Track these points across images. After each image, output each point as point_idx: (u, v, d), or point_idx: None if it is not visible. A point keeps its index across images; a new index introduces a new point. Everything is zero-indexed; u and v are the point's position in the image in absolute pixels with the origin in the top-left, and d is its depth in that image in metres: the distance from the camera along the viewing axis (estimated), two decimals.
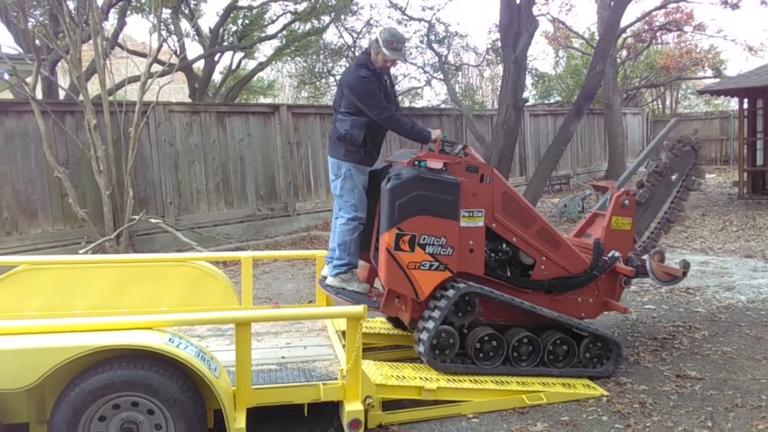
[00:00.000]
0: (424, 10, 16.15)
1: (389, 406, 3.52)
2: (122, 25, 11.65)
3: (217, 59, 14.33)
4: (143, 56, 10.88)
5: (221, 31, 13.61)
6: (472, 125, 12.48)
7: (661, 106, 25.22)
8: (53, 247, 7.44)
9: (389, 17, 14.81)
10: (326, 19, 14.11)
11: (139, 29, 38.62)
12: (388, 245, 3.67)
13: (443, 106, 15.62)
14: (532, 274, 4.06)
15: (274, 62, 15.76)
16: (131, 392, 2.84)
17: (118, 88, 10.03)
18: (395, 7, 14.21)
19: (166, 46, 12.79)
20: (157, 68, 11.67)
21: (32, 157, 7.56)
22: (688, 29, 19.37)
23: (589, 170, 17.90)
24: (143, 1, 11.87)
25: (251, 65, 15.65)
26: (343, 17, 14.14)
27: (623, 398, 3.73)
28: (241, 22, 14.07)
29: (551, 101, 20.97)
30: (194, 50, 18.66)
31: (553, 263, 4.07)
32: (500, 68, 13.81)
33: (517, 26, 9.24)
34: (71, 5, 9.37)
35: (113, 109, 8.04)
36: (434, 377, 3.68)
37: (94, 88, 9.64)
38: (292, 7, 13.80)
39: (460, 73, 18.54)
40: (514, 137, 9.78)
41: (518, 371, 3.87)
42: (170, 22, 12.90)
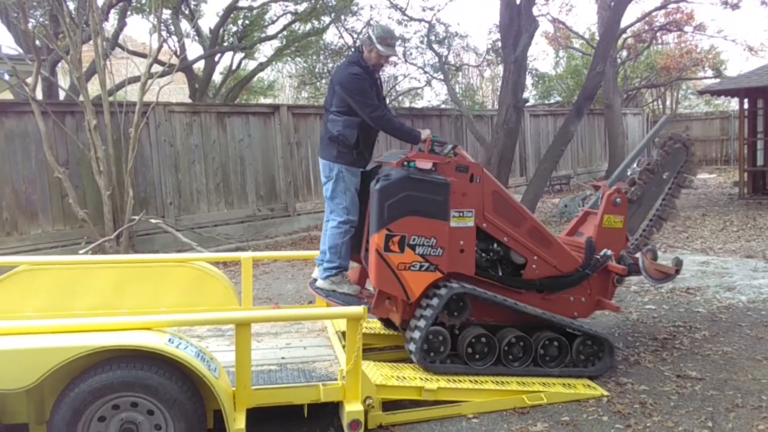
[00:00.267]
0: (424, 10, 16.16)
1: (389, 406, 3.52)
2: (122, 25, 11.65)
3: (217, 60, 14.32)
4: (143, 57, 10.88)
5: (221, 31, 13.61)
6: (472, 126, 12.48)
7: (661, 106, 25.22)
8: (53, 247, 7.44)
9: (389, 17, 14.80)
10: (326, 19, 14.10)
11: (139, 30, 38.66)
12: (377, 246, 3.66)
13: (443, 106, 15.61)
14: (523, 273, 4.04)
15: (274, 63, 15.76)
16: (131, 393, 2.84)
17: (118, 88, 10.03)
18: (395, 7, 14.22)
19: (166, 46, 12.81)
20: (157, 69, 11.71)
21: (32, 157, 7.56)
22: (688, 29, 19.38)
23: (589, 170, 17.90)
24: (143, 1, 11.87)
25: (252, 66, 15.65)
26: (343, 18, 14.14)
27: (624, 398, 3.72)
28: (241, 22, 14.06)
29: (551, 101, 20.97)
30: (195, 51, 18.67)
31: (544, 262, 4.05)
32: (500, 68, 13.81)
33: (517, 26, 9.24)
34: (71, 6, 9.38)
35: (113, 109, 8.04)
36: (434, 378, 3.68)
37: (94, 88, 9.64)
38: (292, 7, 13.81)
39: (460, 73, 18.54)
40: (514, 137, 9.78)
41: (513, 371, 3.86)
42: (170, 22, 12.90)
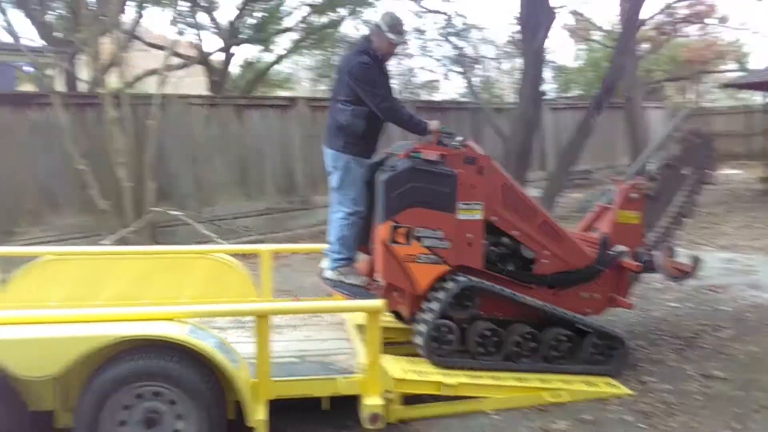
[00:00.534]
0: (442, 1, 16.02)
1: (409, 400, 3.50)
2: (140, 17, 11.73)
3: (234, 52, 14.37)
4: (162, 49, 10.92)
5: (239, 23, 13.64)
6: (490, 118, 12.38)
7: (684, 99, 24.85)
8: (76, 237, 7.50)
9: (407, 9, 14.71)
10: (343, 11, 14.05)
11: (157, 21, 38.85)
12: (383, 238, 3.65)
13: (461, 99, 15.52)
14: (534, 268, 4.00)
15: (291, 55, 15.77)
16: (153, 382, 2.86)
17: (137, 80, 10.12)
18: None
19: (184, 38, 12.89)
20: (176, 61, 11.76)
21: (55, 149, 7.63)
22: (710, 21, 19.03)
23: (610, 165, 17.65)
24: None
25: (269, 58, 15.67)
26: (359, 9, 14.07)
27: (647, 397, 3.68)
28: (259, 15, 14.07)
29: (572, 95, 20.75)
30: (213, 43, 18.72)
31: (555, 257, 4.00)
32: (519, 61, 13.66)
33: (536, 18, 9.14)
34: None
35: (133, 101, 8.09)
36: (454, 373, 3.66)
37: (114, 80, 9.71)
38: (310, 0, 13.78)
39: (479, 66, 18.39)
40: (532, 131, 9.69)
41: (524, 367, 3.81)
42: (188, 15, 12.95)
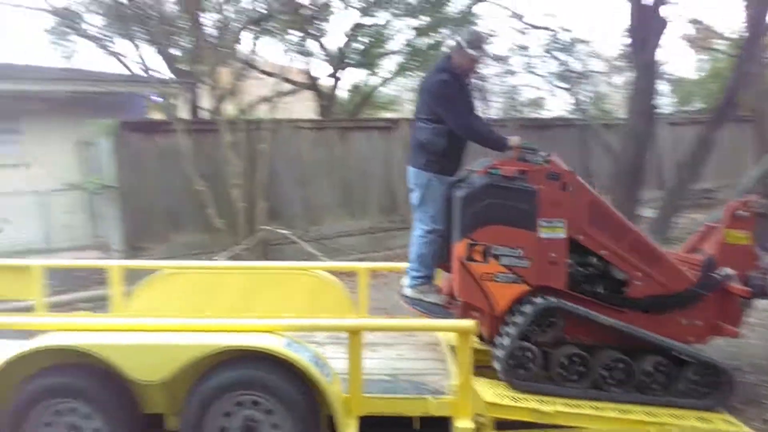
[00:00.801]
0: (546, 17, 15.67)
1: (504, 426, 3.41)
2: (255, 47, 12.53)
3: (342, 77, 14.91)
4: (274, 76, 11.56)
5: (346, 49, 14.16)
6: (599, 135, 11.88)
7: None
8: (194, 254, 8.07)
9: (510, 27, 14.55)
10: (445, 32, 14.16)
11: (270, 50, 41.10)
12: (460, 255, 3.59)
13: (569, 116, 15.03)
14: (626, 290, 3.75)
15: (396, 78, 16.09)
16: (252, 391, 3.02)
17: (251, 107, 10.80)
18: (516, 15, 13.94)
19: (295, 65, 13.58)
20: (286, 87, 12.41)
21: (177, 171, 8.29)
22: None
23: (734, 183, 16.30)
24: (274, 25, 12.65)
25: (375, 81, 16.10)
26: (460, 29, 14.12)
27: None
28: (365, 40, 14.54)
29: (692, 108, 19.41)
30: (322, 69, 19.59)
31: (650, 279, 3.72)
32: (631, 75, 13.05)
33: (646, 29, 8.69)
34: (212, 31, 10.22)
35: (246, 127, 8.63)
36: (551, 400, 3.51)
37: (230, 107, 10.41)
38: (414, 23, 14.03)
39: (587, 81, 17.74)
40: (645, 147, 9.16)
41: (612, 397, 3.57)
42: (299, 43, 13.65)
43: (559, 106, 17.00)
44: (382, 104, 18.86)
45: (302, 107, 15.22)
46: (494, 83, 15.50)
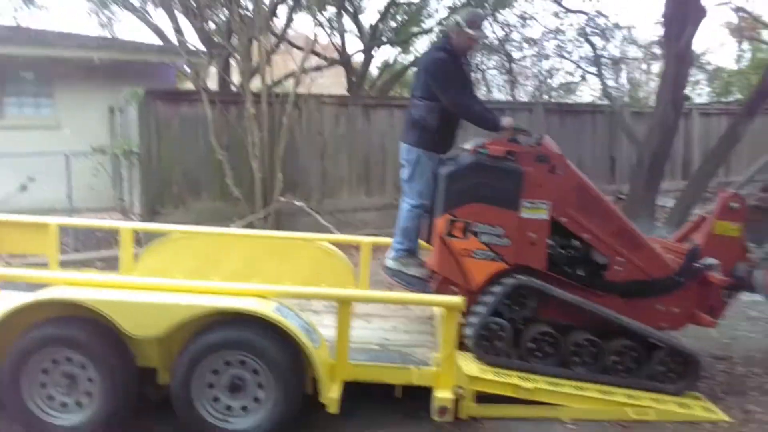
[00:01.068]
0: (583, 1, 15.31)
1: (486, 400, 3.50)
2: (289, 22, 12.57)
3: (374, 54, 14.86)
4: (314, 53, 11.48)
5: (380, 27, 14.10)
6: (623, 122, 11.66)
7: None
8: (211, 221, 8.29)
9: (544, 9, 14.28)
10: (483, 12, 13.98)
11: (306, 25, 40.96)
12: (440, 231, 3.67)
13: (598, 102, 14.76)
14: (605, 274, 3.77)
15: None
16: (240, 351, 3.16)
17: (279, 81, 10.89)
18: None
19: (328, 41, 13.60)
20: (316, 62, 12.45)
21: (200, 140, 8.48)
22: None
23: (766, 177, 15.83)
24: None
25: (407, 60, 16.00)
26: (498, 11, 13.91)
27: (746, 427, 3.37)
28: (400, 18, 14.43)
29: (730, 99, 18.83)
30: (355, 46, 19.51)
31: (630, 264, 3.75)
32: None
33: (683, 16, 8.46)
34: (247, 5, 10.30)
35: (271, 100, 8.74)
36: (533, 377, 3.59)
37: (260, 81, 10.51)
38: (450, 1, 13.87)
39: (624, 67, 17.33)
40: (671, 137, 8.98)
41: (578, 376, 3.64)
42: (334, 19, 13.63)
43: (590, 92, 16.69)
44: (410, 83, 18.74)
45: (334, 82, 15.27)
46: (525, 66, 15.31)
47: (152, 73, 10.83)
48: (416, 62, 4.69)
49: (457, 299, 3.36)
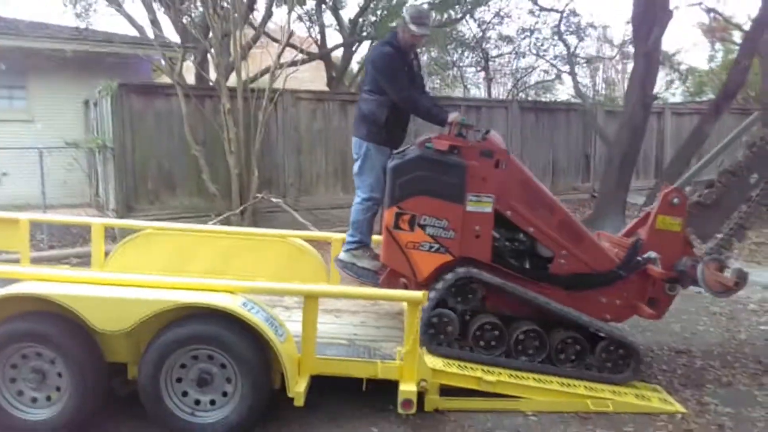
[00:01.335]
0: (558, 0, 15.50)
1: (451, 393, 3.59)
2: (268, 15, 12.52)
3: (354, 49, 14.87)
4: (290, 46, 11.46)
5: (360, 21, 14.10)
6: (593, 121, 11.85)
7: None
8: (187, 217, 8.28)
9: (518, 8, 14.42)
10: (458, 10, 14.07)
11: (284, 19, 40.75)
12: (387, 223, 3.76)
13: (572, 100, 14.98)
14: (550, 267, 3.89)
15: None
16: (207, 346, 3.20)
17: (256, 77, 10.86)
18: None
19: (307, 35, 13.57)
20: (293, 56, 12.44)
21: (175, 135, 8.46)
22: None
23: None
24: None
25: None
26: (474, 9, 14.03)
27: (701, 418, 3.49)
28: (380, 13, 14.44)
29: (703, 99, 19.21)
30: (335, 40, 19.51)
31: (574, 258, 3.87)
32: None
33: (651, 17, 8.64)
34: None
35: (246, 95, 8.74)
36: (496, 370, 3.69)
37: (236, 76, 10.47)
38: None
39: (600, 66, 17.60)
40: (640, 136, 9.17)
41: (525, 365, 3.75)
42: (314, 12, 13.61)
43: (566, 91, 16.92)
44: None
45: (315, 77, 15.24)
46: (501, 64, 15.46)
47: (128, 66, 10.74)
48: (366, 57, 4.77)
49: (418, 294, 3.43)
